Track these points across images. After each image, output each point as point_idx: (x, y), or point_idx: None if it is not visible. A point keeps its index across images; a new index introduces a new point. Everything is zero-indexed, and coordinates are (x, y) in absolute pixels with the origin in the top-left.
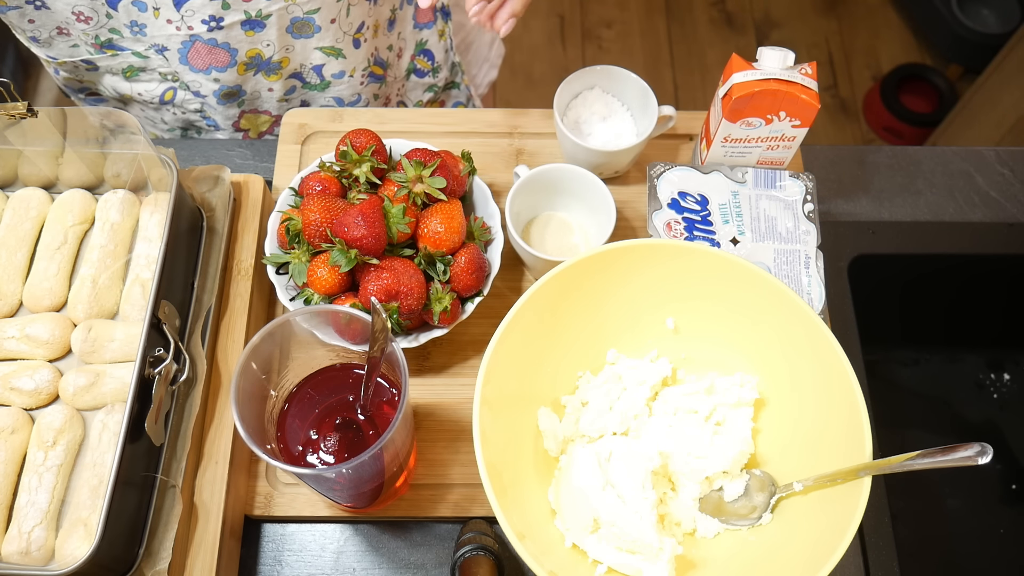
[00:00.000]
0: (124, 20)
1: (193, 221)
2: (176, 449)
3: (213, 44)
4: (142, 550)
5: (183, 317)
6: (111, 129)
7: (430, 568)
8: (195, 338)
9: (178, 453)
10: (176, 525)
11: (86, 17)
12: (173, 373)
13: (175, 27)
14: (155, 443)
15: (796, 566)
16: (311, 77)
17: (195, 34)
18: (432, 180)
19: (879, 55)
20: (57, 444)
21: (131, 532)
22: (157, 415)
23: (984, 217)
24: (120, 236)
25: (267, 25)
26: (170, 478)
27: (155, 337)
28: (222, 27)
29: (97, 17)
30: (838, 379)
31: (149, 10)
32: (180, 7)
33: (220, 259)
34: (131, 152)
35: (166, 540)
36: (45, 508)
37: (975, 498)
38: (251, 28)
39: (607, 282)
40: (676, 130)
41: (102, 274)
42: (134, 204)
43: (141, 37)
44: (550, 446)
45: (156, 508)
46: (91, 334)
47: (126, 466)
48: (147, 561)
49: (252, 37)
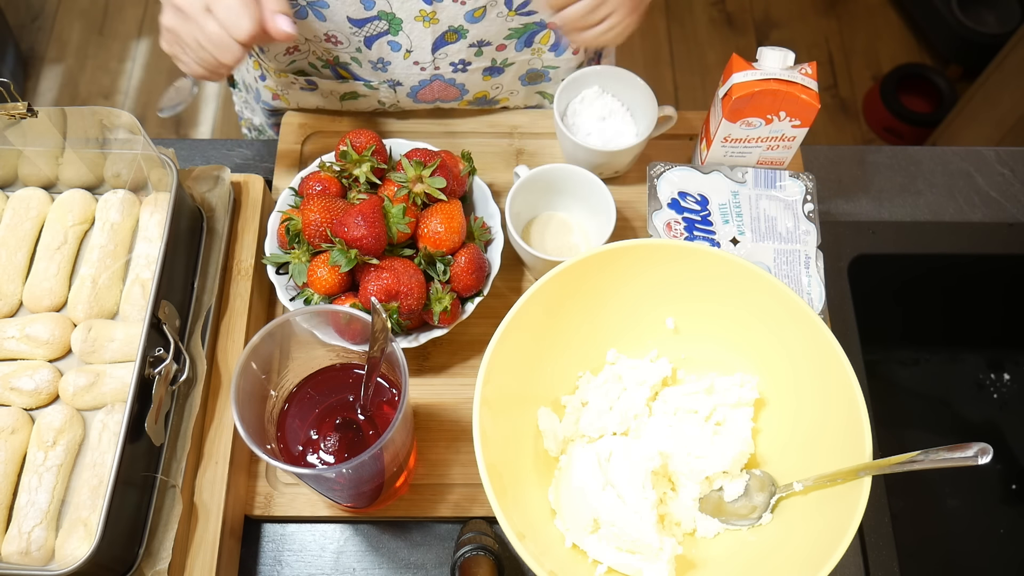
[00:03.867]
0: (372, 57)
1: (193, 221)
2: (176, 449)
3: (451, 83)
4: (142, 550)
5: (183, 317)
6: (111, 129)
7: (430, 568)
8: (195, 338)
9: (178, 453)
10: (176, 525)
11: (337, 40)
12: (173, 373)
13: (420, 68)
14: (155, 443)
15: (796, 566)
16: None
17: (438, 74)
18: (432, 180)
19: (879, 55)
20: (57, 444)
21: (131, 532)
22: (157, 415)
23: (984, 217)
24: (120, 236)
25: (505, 71)
26: (170, 478)
27: (155, 337)
28: (467, 71)
29: (348, 43)
30: (838, 379)
31: (401, 51)
32: (436, 51)
33: (220, 259)
34: (131, 152)
35: (166, 540)
36: (45, 508)
37: (975, 498)
38: (490, 74)
39: (607, 282)
40: (676, 130)
41: (102, 274)
42: (134, 204)
43: (381, 72)
44: (550, 446)
45: (156, 508)
46: (91, 334)
47: (126, 466)
48: (147, 561)
49: (488, 81)
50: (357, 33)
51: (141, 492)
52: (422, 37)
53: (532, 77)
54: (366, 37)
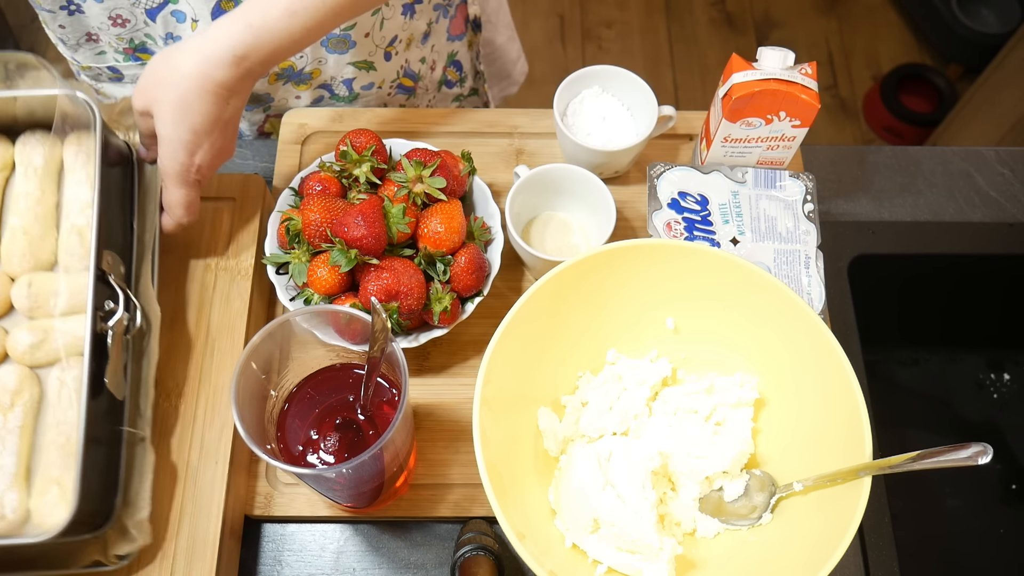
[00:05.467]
0: (160, 31)
1: (121, 158)
2: (140, 401)
3: None
4: (118, 499)
5: (127, 263)
6: (15, 70)
7: (430, 568)
8: (144, 281)
9: (141, 404)
10: (151, 474)
11: (123, 20)
12: (126, 324)
13: None
14: (117, 397)
15: (796, 566)
16: (340, 89)
17: None
18: (432, 180)
19: (879, 55)
20: (15, 406)
21: (106, 486)
22: (115, 370)
23: (984, 217)
24: (46, 182)
25: None
26: (137, 430)
27: (103, 290)
28: None
29: (135, 21)
30: (838, 379)
31: (187, 21)
32: (216, 19)
33: (157, 192)
34: (44, 92)
35: (143, 490)
36: (13, 471)
37: (975, 498)
38: None
39: (607, 282)
40: (676, 130)
41: (33, 224)
42: (55, 146)
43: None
44: (550, 446)
45: (128, 462)
46: (32, 289)
47: (92, 424)
48: (125, 512)
49: None
50: (137, 4)
51: (109, 447)
52: (200, 5)
53: (336, 44)
54: (147, 9)
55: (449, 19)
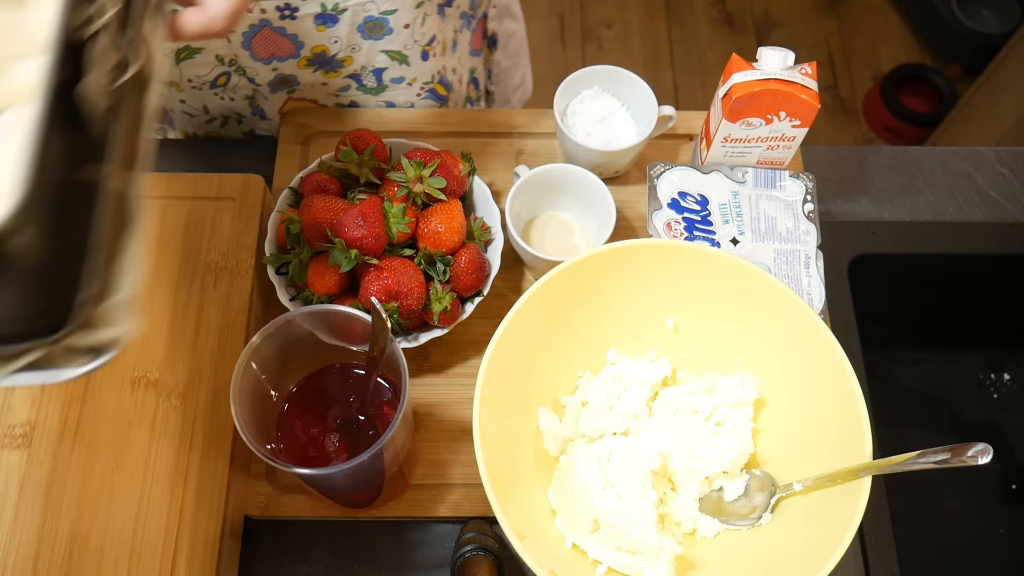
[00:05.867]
0: None
1: None
2: (136, 141)
3: (282, 33)
4: (89, 259)
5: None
6: None
7: (430, 568)
8: (148, 23)
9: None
10: (139, 250)
11: None
12: (118, 61)
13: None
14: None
15: (796, 566)
16: (368, 80)
17: (266, 19)
18: (432, 180)
19: (879, 55)
20: None
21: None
22: (97, 92)
23: (984, 217)
24: None
25: (340, 21)
26: (125, 188)
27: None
28: (295, 17)
29: None
30: (838, 379)
31: None
32: None
33: None
34: None
35: (125, 263)
36: None
37: (975, 498)
38: (323, 23)
39: (607, 282)
40: (676, 130)
41: None
42: None
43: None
44: (550, 446)
45: (104, 221)
46: None
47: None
48: (98, 282)
49: (323, 32)
50: None
51: (77, 191)
52: None
53: (372, 29)
54: None
55: (471, 32)
